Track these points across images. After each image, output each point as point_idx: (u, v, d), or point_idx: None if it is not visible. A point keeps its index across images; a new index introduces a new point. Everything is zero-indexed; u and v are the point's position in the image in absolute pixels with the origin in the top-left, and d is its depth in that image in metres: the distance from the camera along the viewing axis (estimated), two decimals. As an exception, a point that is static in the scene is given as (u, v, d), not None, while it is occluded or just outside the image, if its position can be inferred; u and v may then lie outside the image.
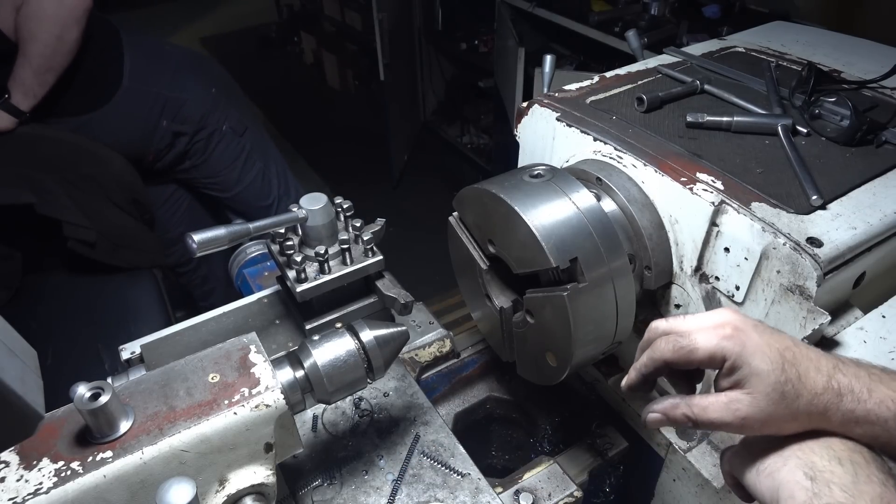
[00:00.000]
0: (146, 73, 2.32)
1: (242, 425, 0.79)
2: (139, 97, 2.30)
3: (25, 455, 0.73)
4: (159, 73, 2.36)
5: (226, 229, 1.02)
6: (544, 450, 1.43)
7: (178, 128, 2.41)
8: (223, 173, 2.62)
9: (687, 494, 1.22)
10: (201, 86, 2.46)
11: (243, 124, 2.62)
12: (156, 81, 2.34)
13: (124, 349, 1.24)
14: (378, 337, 0.92)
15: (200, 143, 2.50)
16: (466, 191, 1.09)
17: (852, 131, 1.10)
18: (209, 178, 2.64)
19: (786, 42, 1.52)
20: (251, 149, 2.66)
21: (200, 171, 2.60)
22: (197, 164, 2.56)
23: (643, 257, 1.08)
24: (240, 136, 2.60)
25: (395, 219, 2.27)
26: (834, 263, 0.90)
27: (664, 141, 1.14)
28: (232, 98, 2.62)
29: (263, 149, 2.75)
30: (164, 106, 2.35)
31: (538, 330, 1.04)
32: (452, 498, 1.06)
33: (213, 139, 2.52)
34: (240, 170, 2.63)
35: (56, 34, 1.96)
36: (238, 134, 2.59)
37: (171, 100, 2.36)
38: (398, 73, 4.51)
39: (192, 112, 2.42)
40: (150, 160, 2.45)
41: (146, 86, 2.31)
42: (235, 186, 2.67)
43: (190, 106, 2.41)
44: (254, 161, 2.67)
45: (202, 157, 2.54)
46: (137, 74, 2.29)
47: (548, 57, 1.43)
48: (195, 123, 2.44)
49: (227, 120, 2.54)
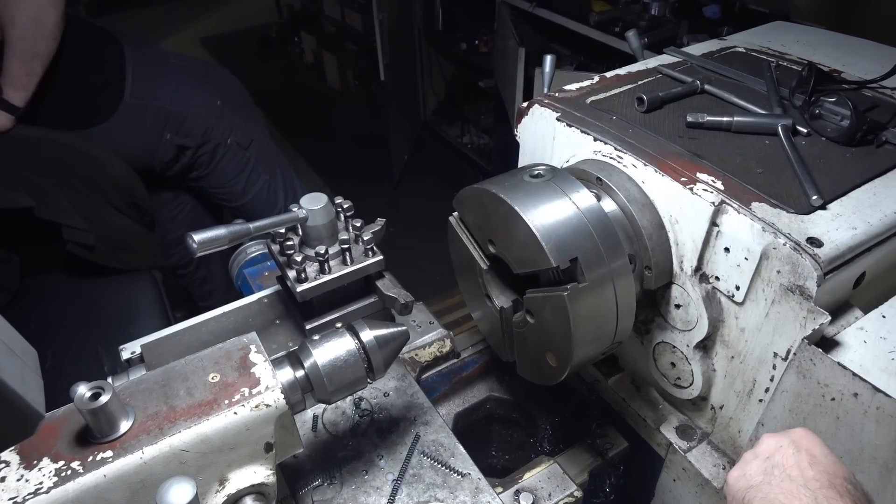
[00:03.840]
0: (149, 87, 2.32)
1: (242, 425, 0.80)
2: (141, 111, 2.31)
3: (26, 455, 0.73)
4: (162, 87, 2.36)
5: (226, 229, 1.02)
6: (544, 450, 1.43)
7: (181, 141, 2.42)
8: (228, 185, 2.63)
9: (687, 494, 1.22)
10: (205, 99, 2.47)
11: (249, 137, 2.62)
12: (158, 95, 2.34)
13: (124, 349, 1.24)
14: (378, 337, 0.92)
15: (205, 156, 2.51)
16: (466, 191, 1.09)
17: (852, 131, 1.10)
18: (216, 189, 2.65)
19: (786, 42, 1.52)
20: (256, 161, 2.66)
21: (207, 182, 2.61)
22: (203, 175, 2.57)
23: (643, 257, 1.08)
24: (245, 150, 2.60)
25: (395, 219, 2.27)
26: (834, 263, 0.90)
27: (664, 141, 1.14)
28: (239, 109, 2.62)
29: (270, 161, 2.75)
30: (167, 119, 2.36)
31: (538, 330, 1.04)
32: (452, 498, 1.06)
33: (218, 152, 2.53)
34: (244, 182, 2.64)
35: (33, 16, 1.95)
36: (243, 147, 2.59)
37: (174, 113, 2.37)
38: (398, 73, 4.50)
39: (195, 125, 2.43)
40: (157, 171, 2.47)
41: (148, 100, 2.32)
42: (241, 198, 2.68)
43: (192, 119, 2.42)
44: (259, 173, 2.67)
45: (207, 169, 2.55)
46: (140, 88, 2.30)
47: (548, 57, 1.43)
48: (198, 137, 2.45)
49: (233, 133, 2.54)
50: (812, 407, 0.93)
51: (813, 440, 0.80)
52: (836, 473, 0.75)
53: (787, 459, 0.78)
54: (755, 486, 0.78)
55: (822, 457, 0.77)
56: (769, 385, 1.01)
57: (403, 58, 4.70)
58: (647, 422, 1.27)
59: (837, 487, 0.73)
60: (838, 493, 0.72)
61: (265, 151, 2.72)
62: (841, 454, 0.87)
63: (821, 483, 0.73)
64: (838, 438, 0.91)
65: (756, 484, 0.78)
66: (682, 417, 1.26)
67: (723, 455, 1.17)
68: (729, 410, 1.13)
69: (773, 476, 0.77)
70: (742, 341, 1.04)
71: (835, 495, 0.72)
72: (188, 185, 2.64)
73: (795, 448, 0.79)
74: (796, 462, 0.77)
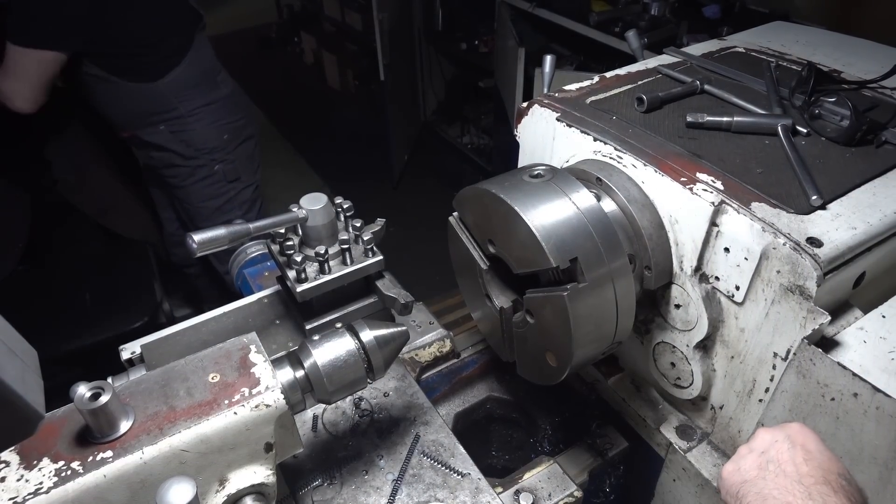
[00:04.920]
0: (183, 87, 2.41)
1: (242, 425, 0.80)
2: (160, 98, 2.38)
3: (26, 455, 0.73)
4: (191, 96, 2.44)
5: (226, 229, 1.02)
6: (544, 450, 1.43)
7: (172, 145, 2.48)
8: (197, 204, 2.67)
9: (687, 494, 1.22)
10: (216, 128, 2.54)
11: (237, 174, 2.66)
12: (184, 97, 2.42)
13: (124, 349, 1.24)
14: (378, 337, 0.92)
15: (185, 168, 2.56)
16: (466, 191, 1.09)
17: (852, 131, 1.10)
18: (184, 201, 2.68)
19: (786, 42, 1.52)
20: (233, 197, 2.69)
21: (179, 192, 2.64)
22: (178, 185, 2.61)
23: (643, 257, 1.08)
24: (228, 182, 2.65)
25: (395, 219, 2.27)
26: (834, 263, 0.90)
27: (664, 141, 1.14)
28: (242, 146, 2.67)
29: (249, 203, 2.77)
30: (173, 118, 2.43)
31: (538, 330, 1.04)
32: (452, 498, 1.06)
33: (199, 173, 2.58)
34: (212, 210, 2.67)
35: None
36: (227, 180, 2.65)
37: (181, 120, 2.44)
38: (398, 73, 4.51)
39: (194, 140, 2.50)
40: (124, 136, 2.55)
41: (173, 95, 2.40)
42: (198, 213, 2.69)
43: (191, 135, 2.49)
44: (231, 211, 2.70)
45: (182, 180, 2.60)
46: (176, 82, 2.38)
47: (548, 57, 1.43)
48: (189, 151, 2.52)
49: (223, 164, 2.60)
50: (812, 407, 0.93)
51: (808, 435, 0.80)
52: (830, 469, 0.75)
53: (781, 454, 0.78)
54: (749, 480, 0.78)
55: (816, 452, 0.77)
56: (769, 385, 1.01)
57: (403, 58, 4.70)
58: (647, 422, 1.27)
59: (832, 483, 0.73)
60: (832, 490, 0.72)
61: (247, 194, 2.75)
62: (840, 454, 0.88)
63: (815, 479, 0.74)
64: (838, 438, 0.91)
65: (750, 479, 0.78)
66: (682, 417, 1.26)
67: (723, 455, 1.17)
68: (729, 410, 1.13)
69: (767, 471, 0.77)
70: (742, 341, 1.04)
71: (829, 491, 0.72)
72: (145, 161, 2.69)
73: (790, 443, 0.79)
74: (791, 457, 0.77)
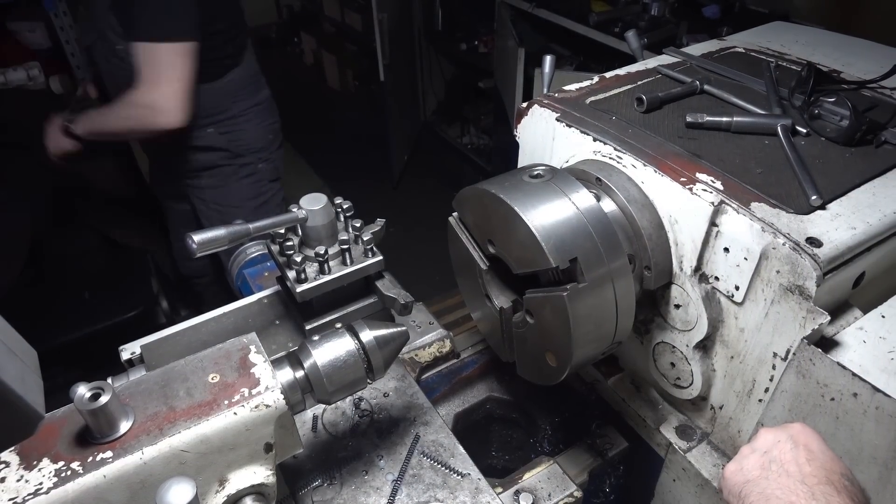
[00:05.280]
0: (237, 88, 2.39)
1: (242, 425, 0.80)
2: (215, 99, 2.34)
3: (25, 455, 0.73)
4: (242, 97, 2.42)
5: (226, 229, 1.02)
6: (544, 450, 1.43)
7: (220, 145, 2.43)
8: (236, 204, 2.60)
9: (687, 494, 1.22)
10: (263, 128, 2.52)
11: (277, 173, 2.65)
12: (237, 98, 2.40)
13: (124, 349, 1.24)
14: (378, 337, 0.92)
15: (230, 168, 2.52)
16: (466, 191, 1.09)
17: (852, 131, 1.10)
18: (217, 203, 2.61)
19: (786, 42, 1.52)
20: (272, 197, 2.66)
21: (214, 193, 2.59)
22: (215, 186, 2.56)
23: (643, 257, 1.08)
24: (269, 182, 2.62)
25: (395, 219, 2.27)
26: (833, 263, 0.91)
27: (664, 141, 1.14)
28: (280, 148, 2.66)
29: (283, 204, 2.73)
30: (224, 119, 2.39)
31: (538, 330, 1.04)
32: (452, 498, 1.06)
33: (242, 172, 2.54)
34: (251, 210, 2.60)
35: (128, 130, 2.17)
36: (269, 179, 2.62)
37: (233, 120, 2.41)
38: (398, 74, 4.51)
39: (244, 139, 2.47)
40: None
41: (229, 96, 2.37)
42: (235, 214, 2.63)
43: (241, 135, 2.46)
44: (269, 210, 2.64)
45: (223, 180, 2.55)
46: (232, 83, 2.36)
47: (548, 57, 1.43)
48: (239, 149, 2.48)
49: (266, 163, 2.57)
50: (811, 407, 0.93)
51: (811, 435, 0.80)
52: (833, 469, 0.75)
53: (784, 454, 0.78)
54: (752, 480, 0.78)
55: (819, 453, 0.77)
56: (769, 385, 1.01)
57: (403, 58, 4.70)
58: (647, 422, 1.27)
59: (835, 483, 0.73)
60: (835, 490, 0.72)
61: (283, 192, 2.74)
62: (840, 454, 0.87)
63: (818, 479, 0.74)
64: (838, 438, 0.91)
65: (753, 478, 0.78)
66: (681, 417, 1.26)
67: (723, 455, 1.17)
68: (729, 410, 1.13)
69: (770, 471, 0.77)
70: (741, 341, 1.04)
71: (832, 491, 0.72)
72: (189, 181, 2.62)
73: (793, 443, 0.79)
74: (794, 457, 0.77)
